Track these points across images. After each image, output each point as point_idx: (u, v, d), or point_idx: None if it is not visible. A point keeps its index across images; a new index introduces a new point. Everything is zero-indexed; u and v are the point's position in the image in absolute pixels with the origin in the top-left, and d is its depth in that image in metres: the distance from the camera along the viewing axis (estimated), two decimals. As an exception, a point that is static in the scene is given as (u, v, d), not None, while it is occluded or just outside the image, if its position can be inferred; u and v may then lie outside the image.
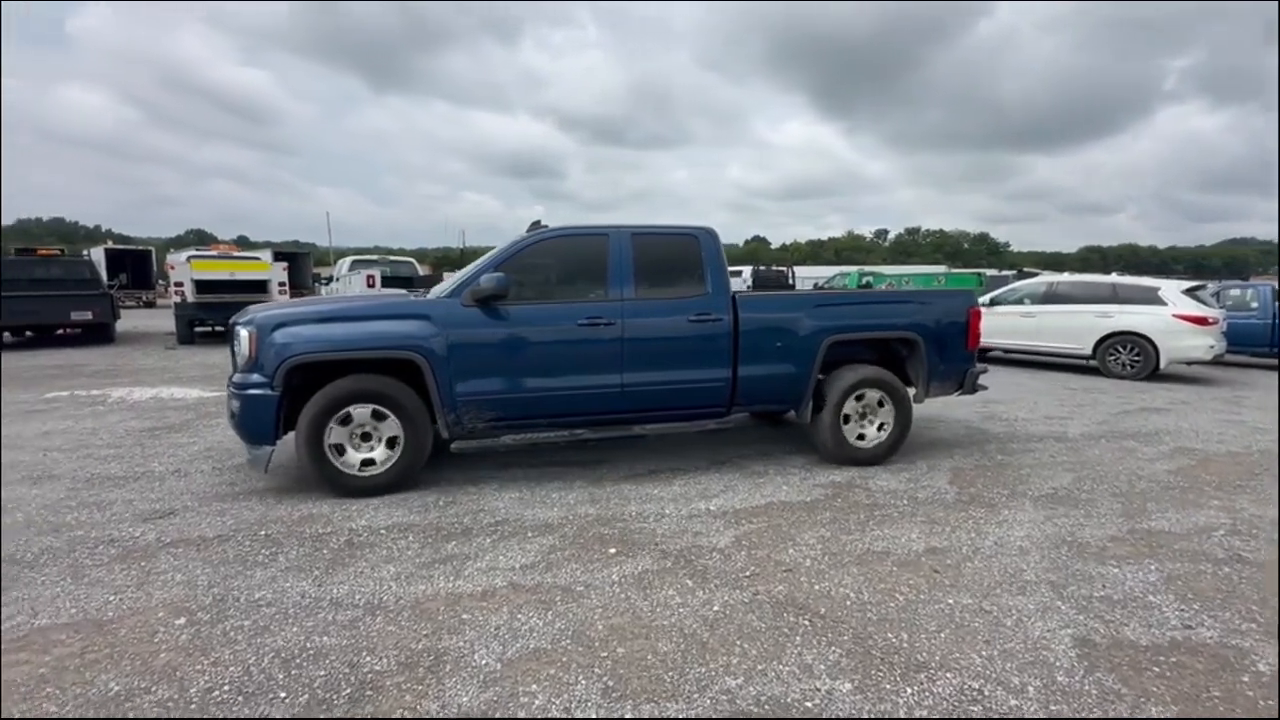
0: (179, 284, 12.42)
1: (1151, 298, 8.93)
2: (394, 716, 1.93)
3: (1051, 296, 9.91)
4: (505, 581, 2.78)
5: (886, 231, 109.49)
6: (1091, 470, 4.51)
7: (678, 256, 4.40)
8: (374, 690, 2.05)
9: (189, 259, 12.86)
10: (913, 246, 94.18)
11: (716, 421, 4.56)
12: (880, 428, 4.57)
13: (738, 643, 2.33)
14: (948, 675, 2.15)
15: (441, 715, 1.93)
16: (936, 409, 6.54)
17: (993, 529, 3.41)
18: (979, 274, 14.42)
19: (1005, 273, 17.56)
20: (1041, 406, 6.90)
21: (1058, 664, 2.22)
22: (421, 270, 16.66)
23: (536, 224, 4.45)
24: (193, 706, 1.96)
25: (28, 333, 13.18)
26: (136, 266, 24.87)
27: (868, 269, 19.88)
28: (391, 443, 3.86)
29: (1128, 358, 8.87)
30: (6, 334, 12.71)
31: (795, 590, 2.72)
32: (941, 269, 20.86)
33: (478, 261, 4.36)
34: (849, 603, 2.62)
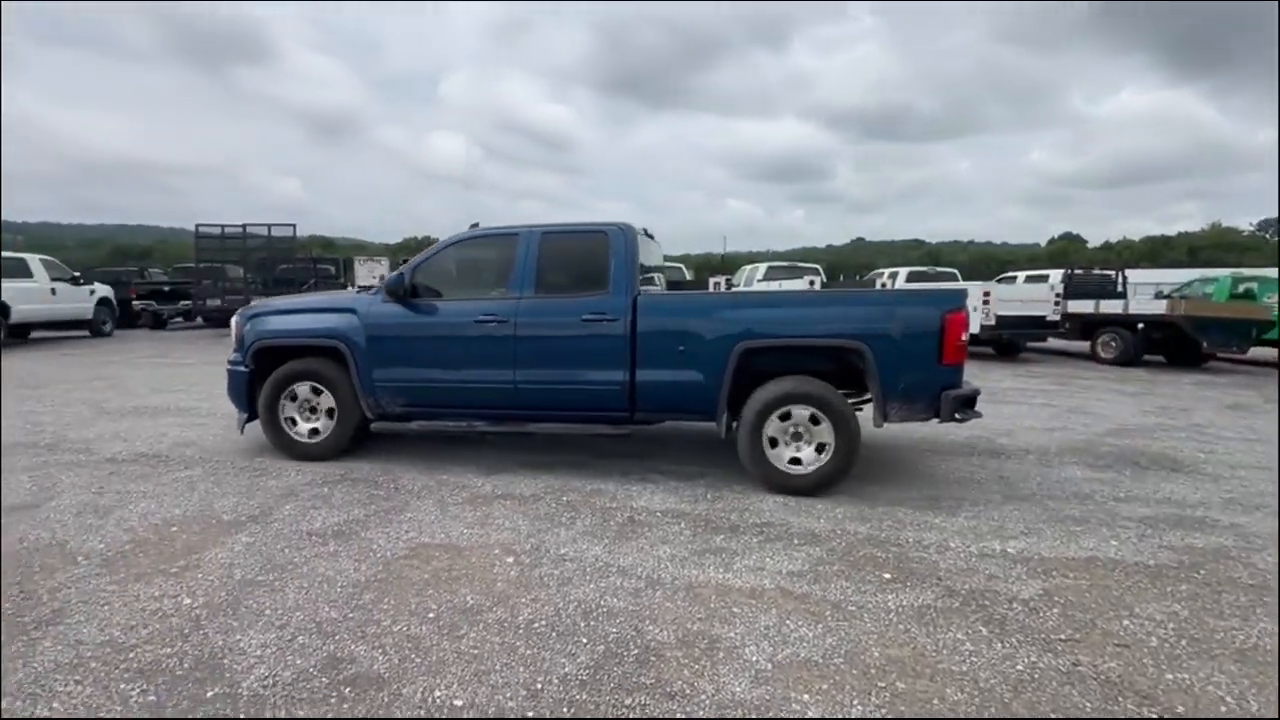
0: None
1: None
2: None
3: None
4: (773, 584, 2.80)
5: (1277, 222, 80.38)
6: None
7: (585, 255, 4.34)
8: (657, 658, 2.24)
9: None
10: (1327, 241, 67.16)
11: (612, 426, 4.32)
12: (819, 451, 3.88)
13: (1054, 716, 1.96)
14: None
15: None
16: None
17: None
18: None
19: None
20: None
21: None
22: (688, 274, 17.72)
23: (475, 226, 4.70)
24: (520, 631, 2.40)
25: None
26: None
27: (1247, 272, 14.83)
28: (331, 415, 4.58)
29: None
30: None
31: (1135, 673, 2.18)
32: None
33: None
34: (1225, 711, 2.01)
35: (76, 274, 14.26)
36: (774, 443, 3.94)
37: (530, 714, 1.95)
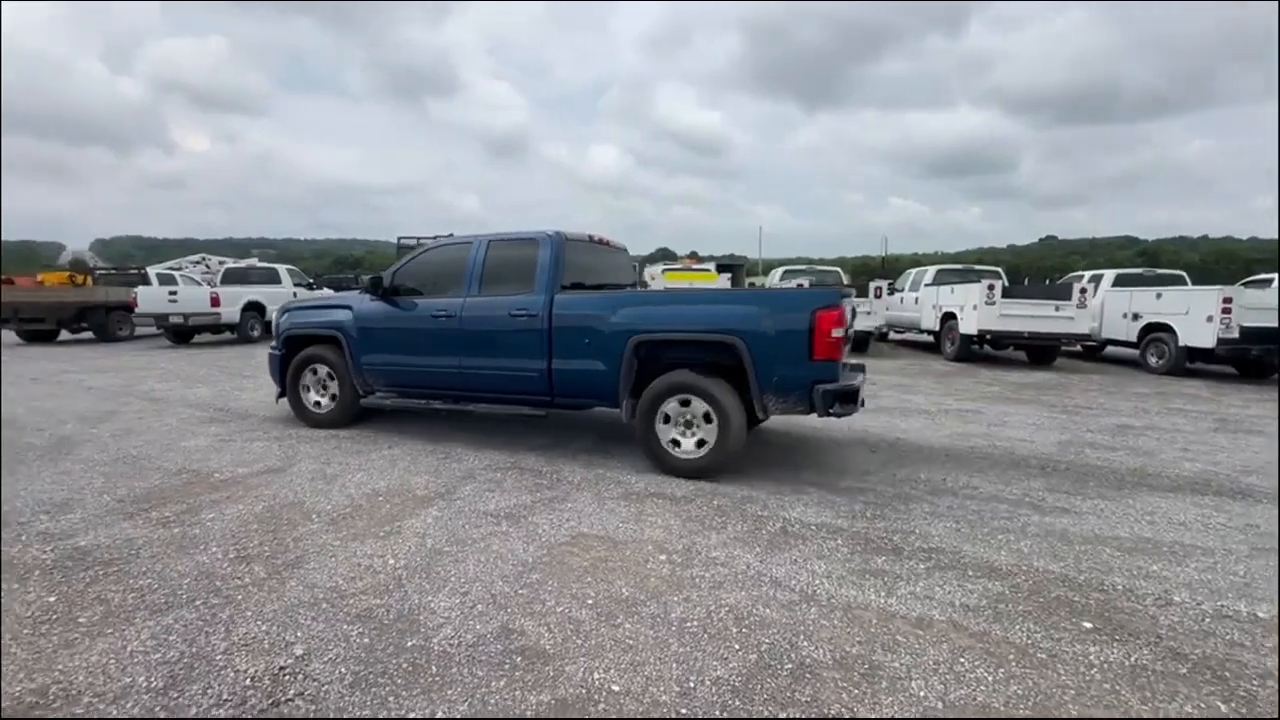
0: (654, 291, 15.75)
1: None
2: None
3: None
4: (944, 616, 2.56)
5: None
6: None
7: (519, 259, 4.92)
8: (813, 676, 2.17)
9: (663, 270, 16.12)
10: None
11: (533, 408, 4.91)
12: (708, 420, 4.24)
13: (1327, 829, 1.57)
14: None
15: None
16: None
17: None
18: None
19: None
20: None
21: None
22: (845, 278, 16.79)
23: (450, 235, 5.35)
24: (673, 628, 2.45)
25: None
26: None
27: None
28: (336, 390, 5.67)
29: None
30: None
31: None
32: None
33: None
34: None
35: (311, 280, 17.23)
36: (677, 443, 4.34)
37: (684, 712, 1.99)
